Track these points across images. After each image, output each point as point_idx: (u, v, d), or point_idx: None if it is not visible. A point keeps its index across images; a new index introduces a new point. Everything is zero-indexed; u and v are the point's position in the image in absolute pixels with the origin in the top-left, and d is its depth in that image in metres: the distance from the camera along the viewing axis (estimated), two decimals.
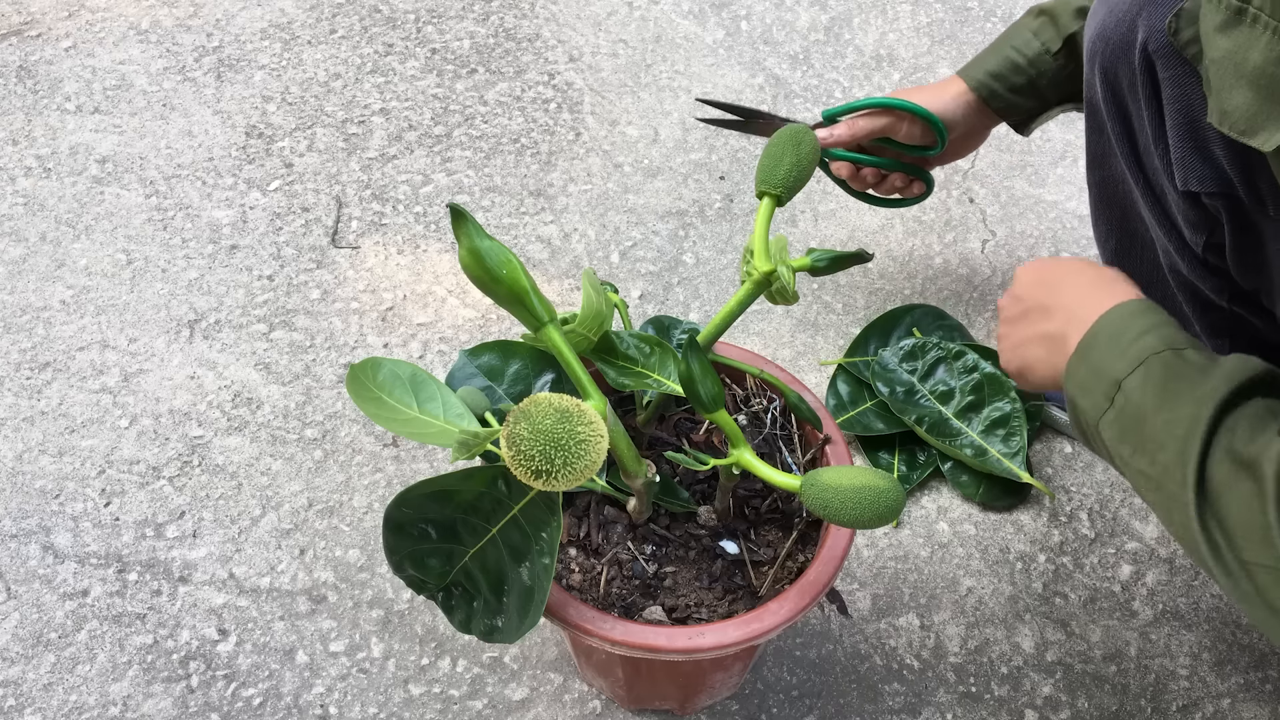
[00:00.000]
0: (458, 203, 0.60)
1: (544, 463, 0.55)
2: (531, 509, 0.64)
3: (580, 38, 1.55)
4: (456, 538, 0.65)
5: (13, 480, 1.05)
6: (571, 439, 0.55)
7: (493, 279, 0.60)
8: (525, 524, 0.64)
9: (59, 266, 1.23)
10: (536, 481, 0.56)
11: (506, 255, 0.60)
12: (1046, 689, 0.94)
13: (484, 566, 0.65)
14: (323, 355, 1.16)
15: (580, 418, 0.56)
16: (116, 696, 0.91)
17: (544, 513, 0.64)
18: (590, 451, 0.56)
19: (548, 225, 1.30)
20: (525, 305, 0.61)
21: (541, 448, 0.55)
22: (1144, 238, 0.93)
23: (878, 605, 0.99)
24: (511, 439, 0.56)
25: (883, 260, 1.28)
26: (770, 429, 0.84)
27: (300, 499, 1.04)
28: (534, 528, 0.64)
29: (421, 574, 0.65)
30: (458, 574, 0.66)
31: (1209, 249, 0.83)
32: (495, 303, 0.63)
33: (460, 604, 0.66)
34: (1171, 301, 0.93)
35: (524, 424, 0.55)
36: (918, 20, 1.60)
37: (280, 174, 1.34)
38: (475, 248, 0.59)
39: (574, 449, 0.55)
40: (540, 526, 0.64)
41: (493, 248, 0.60)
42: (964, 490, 1.05)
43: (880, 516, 0.62)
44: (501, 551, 0.65)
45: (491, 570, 0.65)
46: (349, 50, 1.51)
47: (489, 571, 0.65)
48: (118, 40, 1.51)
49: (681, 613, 0.76)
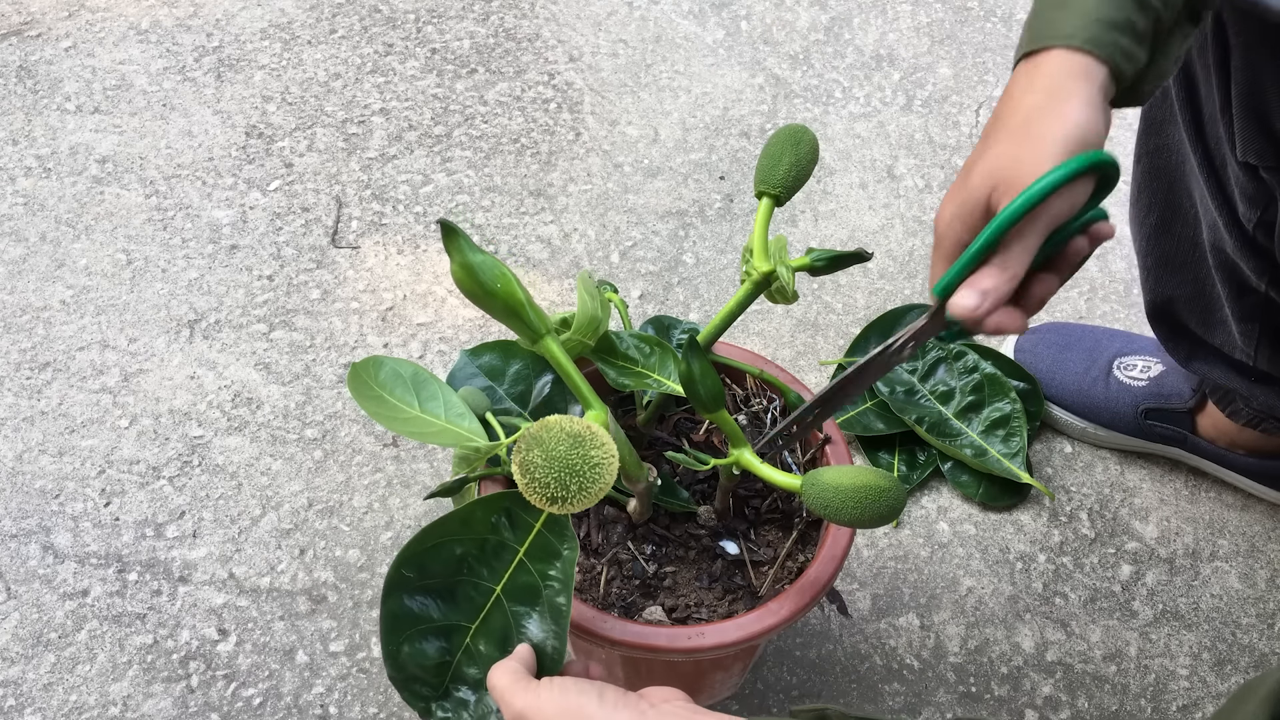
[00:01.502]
0: (448, 219, 0.60)
1: (559, 489, 0.55)
2: (539, 544, 0.61)
3: (580, 38, 1.55)
4: (457, 608, 0.61)
5: (13, 480, 1.05)
6: (586, 464, 0.55)
7: (487, 293, 0.59)
8: (532, 566, 0.61)
9: (59, 266, 1.23)
10: (552, 507, 0.56)
11: (500, 269, 0.59)
12: (1046, 689, 0.94)
13: (489, 636, 0.61)
14: (323, 355, 1.16)
15: (593, 441, 0.56)
16: (116, 696, 0.91)
17: (554, 542, 0.60)
18: (604, 475, 0.56)
19: (548, 225, 1.30)
20: (521, 318, 0.60)
21: (556, 475, 0.55)
22: (1188, 213, 0.90)
23: (878, 605, 0.99)
24: (525, 466, 0.56)
25: (883, 260, 1.28)
26: (770, 429, 0.84)
27: (300, 499, 1.04)
28: (543, 565, 0.60)
29: (420, 667, 0.60)
30: (459, 662, 0.61)
31: (1259, 226, 0.81)
32: (491, 316, 0.62)
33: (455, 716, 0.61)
34: (1204, 284, 0.92)
35: (537, 451, 0.55)
36: (918, 20, 1.60)
37: (280, 174, 1.34)
38: (468, 263, 0.58)
39: (588, 474, 0.55)
40: (549, 561, 0.60)
41: (485, 262, 0.59)
42: (964, 490, 1.05)
43: (880, 516, 0.62)
44: (507, 614, 0.61)
45: (496, 636, 0.61)
46: (349, 50, 1.51)
47: (493, 639, 0.61)
48: (118, 40, 1.51)
49: (681, 613, 0.76)
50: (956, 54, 1.55)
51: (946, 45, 1.56)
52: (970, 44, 1.56)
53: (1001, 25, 1.59)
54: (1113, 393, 1.07)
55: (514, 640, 0.60)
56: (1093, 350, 1.10)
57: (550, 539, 0.61)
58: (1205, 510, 1.07)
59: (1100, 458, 1.10)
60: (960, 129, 1.45)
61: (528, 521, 0.61)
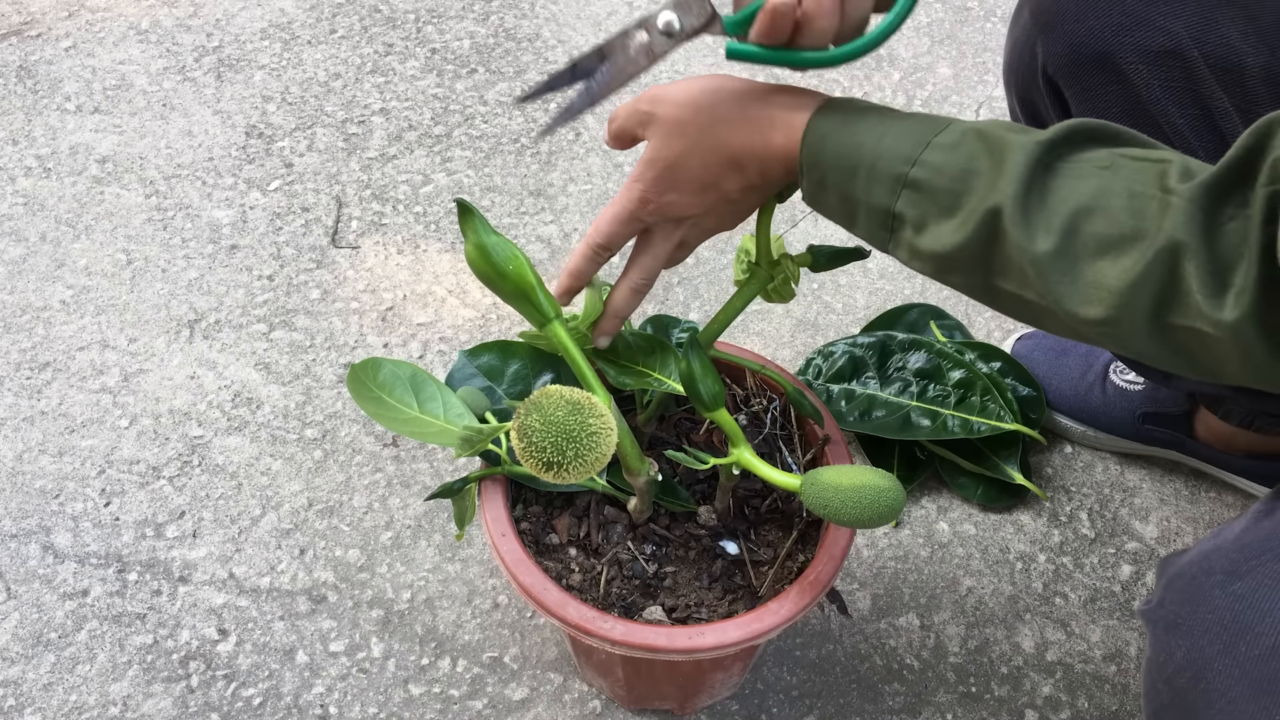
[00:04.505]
0: (464, 199, 0.61)
1: (555, 454, 0.55)
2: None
3: (580, 38, 1.55)
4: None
5: (13, 480, 1.05)
6: (583, 430, 0.55)
7: (499, 274, 0.60)
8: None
9: (59, 266, 1.23)
10: (547, 473, 0.56)
11: (513, 251, 0.60)
12: (1046, 689, 0.94)
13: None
14: (323, 355, 1.16)
15: (591, 410, 0.56)
16: (116, 696, 0.91)
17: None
18: (601, 444, 0.56)
19: (548, 225, 1.30)
20: (531, 300, 0.61)
21: (554, 439, 0.55)
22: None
23: (878, 605, 0.99)
24: (523, 430, 0.56)
25: (883, 260, 1.28)
26: (770, 429, 0.84)
27: (300, 499, 1.04)
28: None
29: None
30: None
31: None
32: (501, 299, 0.63)
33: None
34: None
35: (535, 415, 0.55)
36: (918, 20, 1.60)
37: (280, 174, 1.34)
38: (482, 243, 0.60)
39: (585, 440, 0.55)
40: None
41: (499, 243, 0.60)
42: (963, 492, 1.05)
43: (880, 516, 0.62)
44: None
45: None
46: (349, 50, 1.51)
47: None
48: (118, 40, 1.51)
49: (681, 613, 0.76)
50: (956, 54, 1.55)
51: (946, 45, 1.56)
52: (970, 44, 1.56)
53: (1001, 25, 1.59)
54: (1110, 398, 1.07)
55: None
56: (1088, 355, 1.11)
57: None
58: (1205, 510, 1.07)
59: (1100, 458, 1.10)
60: None
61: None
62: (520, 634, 0.95)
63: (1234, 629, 0.53)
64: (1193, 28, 0.73)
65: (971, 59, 1.54)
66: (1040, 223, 0.52)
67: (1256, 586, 0.53)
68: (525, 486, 0.80)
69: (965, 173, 0.54)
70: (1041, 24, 0.80)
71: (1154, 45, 0.75)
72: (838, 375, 1.08)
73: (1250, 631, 0.52)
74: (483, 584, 0.98)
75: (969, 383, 1.03)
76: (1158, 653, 0.59)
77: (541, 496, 0.81)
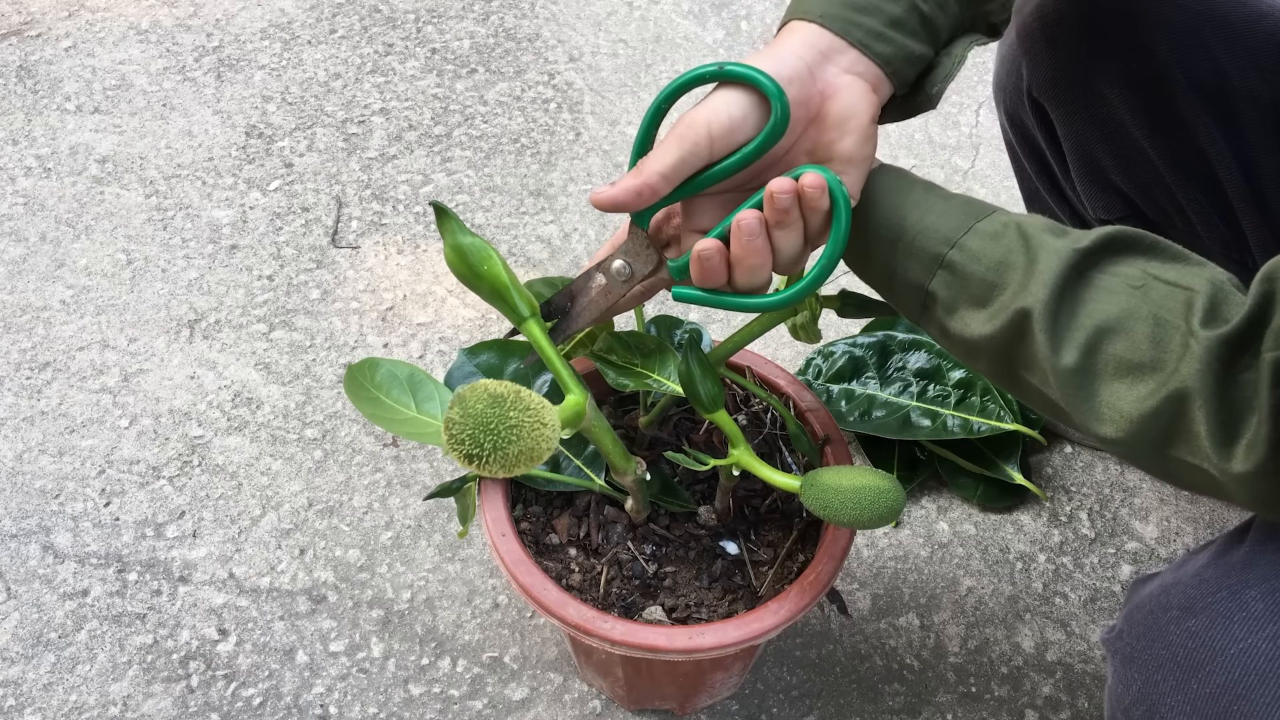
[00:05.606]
0: (440, 201, 0.61)
1: (474, 446, 0.54)
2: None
3: (580, 38, 1.55)
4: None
5: (13, 480, 1.05)
6: (502, 424, 0.54)
7: (475, 274, 0.62)
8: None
9: (59, 266, 1.23)
10: (470, 465, 0.55)
11: (488, 251, 0.61)
12: (1046, 689, 0.94)
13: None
14: (323, 355, 1.16)
15: (516, 404, 0.55)
16: (116, 696, 0.91)
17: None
18: (523, 437, 0.54)
19: (548, 225, 1.30)
20: (506, 300, 0.62)
21: (470, 431, 0.54)
22: None
23: (878, 605, 0.99)
24: (446, 423, 0.55)
25: None
26: (770, 429, 0.84)
27: (300, 499, 1.04)
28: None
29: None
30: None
31: None
32: (481, 298, 0.64)
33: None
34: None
35: (457, 408, 0.55)
36: None
37: (280, 174, 1.34)
38: (458, 244, 0.61)
39: (504, 434, 0.54)
40: None
41: (474, 244, 0.61)
42: (963, 492, 1.05)
43: (880, 516, 0.62)
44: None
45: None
46: (349, 50, 1.51)
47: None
48: (118, 40, 1.51)
49: (681, 613, 0.76)
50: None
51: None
52: None
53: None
54: None
55: None
56: None
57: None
58: (1205, 510, 1.07)
59: (1100, 458, 1.10)
60: (960, 129, 1.45)
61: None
62: (520, 634, 0.95)
63: (1187, 666, 0.54)
64: (1176, 51, 0.72)
65: (972, 59, 1.54)
66: (1066, 335, 0.53)
67: (1210, 624, 0.53)
68: (525, 486, 0.80)
69: (1001, 265, 0.55)
70: (1025, 46, 0.80)
71: (1137, 69, 0.74)
72: (838, 375, 1.08)
73: (1202, 669, 0.53)
74: (483, 584, 0.98)
75: (969, 383, 1.03)
76: (1116, 683, 0.60)
77: (541, 496, 0.81)
